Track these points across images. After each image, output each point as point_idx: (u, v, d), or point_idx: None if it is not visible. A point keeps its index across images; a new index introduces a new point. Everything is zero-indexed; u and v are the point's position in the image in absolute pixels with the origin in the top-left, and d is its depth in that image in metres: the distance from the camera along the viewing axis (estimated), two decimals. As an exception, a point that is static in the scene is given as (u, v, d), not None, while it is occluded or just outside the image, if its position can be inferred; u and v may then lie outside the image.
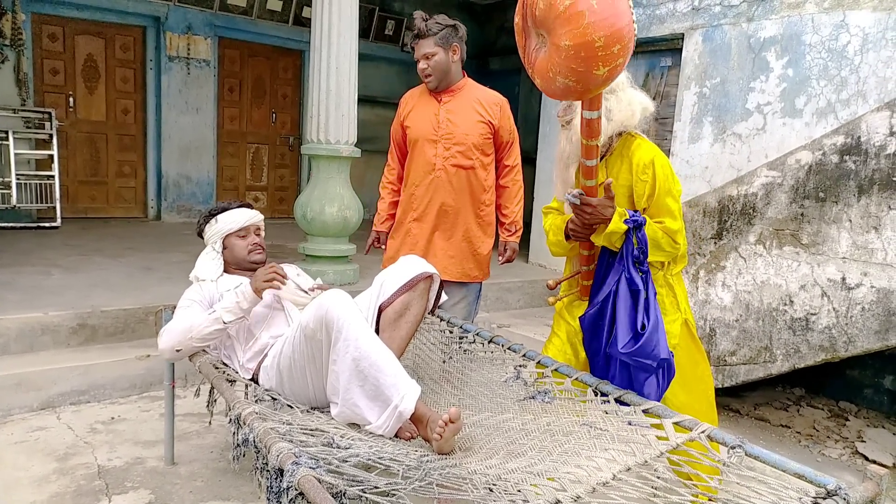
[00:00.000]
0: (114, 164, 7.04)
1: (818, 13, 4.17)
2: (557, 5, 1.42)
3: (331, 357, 1.91)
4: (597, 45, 1.41)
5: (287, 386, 2.09)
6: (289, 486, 1.34)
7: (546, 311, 5.46)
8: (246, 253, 2.47)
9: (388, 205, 3.02)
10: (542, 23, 1.49)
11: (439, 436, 1.70)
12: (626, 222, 1.90)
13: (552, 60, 1.50)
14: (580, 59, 1.43)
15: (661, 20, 5.07)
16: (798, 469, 1.54)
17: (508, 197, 2.95)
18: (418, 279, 2.27)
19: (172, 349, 2.23)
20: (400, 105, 2.96)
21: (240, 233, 2.49)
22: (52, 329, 3.44)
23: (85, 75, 6.74)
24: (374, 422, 1.84)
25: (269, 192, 8.11)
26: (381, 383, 1.84)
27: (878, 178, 2.91)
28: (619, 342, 1.88)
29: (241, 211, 2.52)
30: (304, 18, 7.41)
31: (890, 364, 3.83)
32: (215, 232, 2.48)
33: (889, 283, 2.82)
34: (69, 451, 2.76)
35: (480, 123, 2.78)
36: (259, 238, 2.55)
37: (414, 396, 1.84)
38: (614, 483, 1.47)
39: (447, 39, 2.71)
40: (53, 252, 5.01)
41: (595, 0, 1.39)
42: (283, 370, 2.07)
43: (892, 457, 3.25)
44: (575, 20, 1.40)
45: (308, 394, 2.07)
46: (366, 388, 1.85)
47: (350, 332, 1.87)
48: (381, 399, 1.84)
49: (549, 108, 6.09)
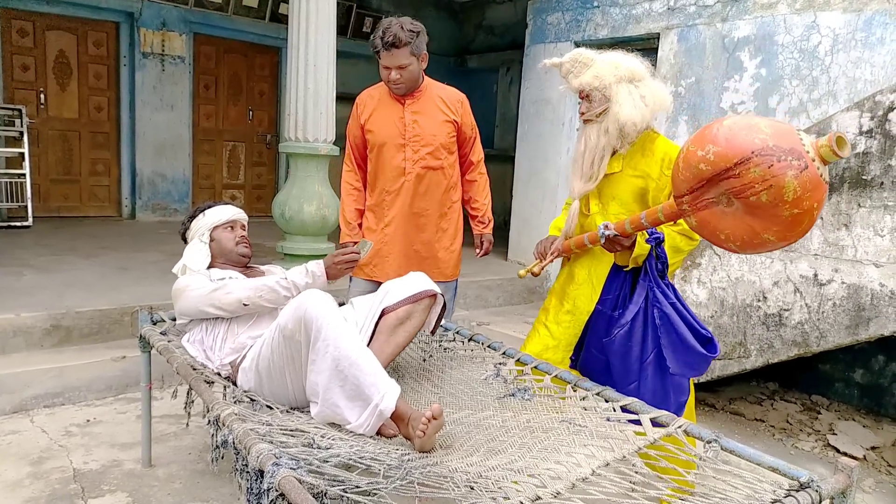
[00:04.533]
0: (87, 163, 6.92)
1: (790, 14, 4.24)
2: (785, 207, 1.36)
3: (310, 357, 1.91)
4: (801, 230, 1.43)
5: (266, 387, 2.07)
6: (269, 487, 1.33)
7: (526, 308, 5.49)
8: (233, 245, 2.47)
9: (355, 213, 2.90)
10: (752, 208, 1.41)
11: (422, 433, 1.71)
12: (648, 241, 1.92)
13: (734, 225, 1.46)
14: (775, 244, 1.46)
15: (637, 20, 5.12)
16: (772, 462, 1.57)
17: (477, 190, 2.97)
18: (424, 295, 2.28)
19: (239, 302, 2.18)
20: (356, 107, 2.83)
21: (227, 225, 2.49)
22: (24, 331, 3.38)
23: (56, 71, 6.61)
24: (355, 421, 1.84)
25: (247, 190, 8.03)
26: (361, 383, 1.84)
27: (848, 177, 2.97)
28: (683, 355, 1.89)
29: (227, 206, 2.55)
30: (282, 15, 7.34)
31: (860, 358, 3.93)
32: (203, 225, 2.47)
33: (859, 279, 2.88)
34: (43, 454, 2.71)
35: (446, 123, 2.75)
36: (245, 232, 2.56)
37: (394, 395, 1.84)
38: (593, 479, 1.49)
39: (419, 48, 2.62)
40: (25, 252, 4.91)
41: (817, 206, 1.36)
42: (262, 371, 2.06)
43: (862, 449, 3.33)
44: (794, 226, 1.39)
45: (288, 395, 2.06)
46: (346, 388, 1.85)
47: (329, 331, 1.87)
48: (362, 398, 1.84)
49: (528, 107, 6.12)
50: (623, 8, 5.22)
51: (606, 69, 2.10)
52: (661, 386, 1.96)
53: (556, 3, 5.79)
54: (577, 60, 2.16)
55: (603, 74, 2.10)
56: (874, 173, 2.89)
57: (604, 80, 2.09)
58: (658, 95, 2.13)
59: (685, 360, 1.91)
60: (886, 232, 2.84)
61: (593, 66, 2.12)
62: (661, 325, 1.91)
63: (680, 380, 1.99)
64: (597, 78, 2.10)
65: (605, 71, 2.10)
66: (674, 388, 1.98)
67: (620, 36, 5.24)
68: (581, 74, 2.14)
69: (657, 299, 1.92)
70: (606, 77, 2.09)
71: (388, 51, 2.55)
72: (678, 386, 2.00)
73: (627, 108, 2.08)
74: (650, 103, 2.11)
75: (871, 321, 2.85)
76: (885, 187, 2.85)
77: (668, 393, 1.97)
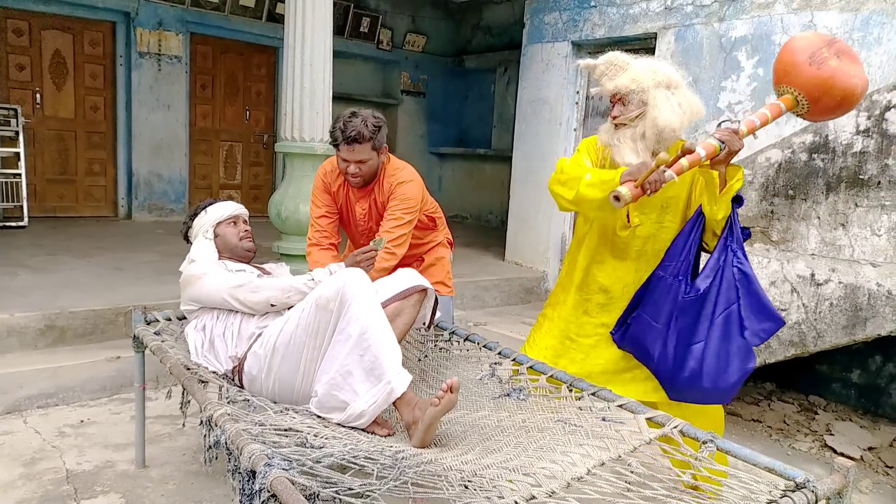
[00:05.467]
0: (83, 162, 6.89)
1: (787, 13, 4.23)
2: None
3: (339, 326, 1.95)
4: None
5: (276, 370, 2.05)
6: (261, 487, 1.32)
7: (523, 308, 5.48)
8: (238, 240, 2.47)
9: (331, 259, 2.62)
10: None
11: (437, 400, 1.77)
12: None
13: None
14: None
15: (635, 19, 5.11)
16: (768, 463, 1.57)
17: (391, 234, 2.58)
18: (413, 291, 2.29)
19: (268, 302, 2.18)
20: (324, 176, 2.69)
21: (230, 221, 2.50)
22: (18, 331, 3.36)
23: (52, 71, 6.59)
24: (363, 394, 1.88)
25: (243, 190, 8.01)
26: (380, 356, 1.90)
27: (845, 176, 2.97)
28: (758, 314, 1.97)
29: (228, 203, 2.56)
30: (278, 15, 7.33)
31: (857, 359, 3.92)
32: (206, 222, 2.47)
33: (856, 279, 2.88)
34: (36, 455, 2.69)
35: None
36: (248, 227, 2.56)
37: (407, 379, 1.91)
38: (588, 478, 1.48)
39: (381, 141, 2.49)
40: (20, 252, 4.89)
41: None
42: (279, 348, 2.04)
43: (859, 449, 3.32)
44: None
45: (295, 379, 2.04)
46: (365, 359, 1.90)
47: (364, 304, 1.94)
48: (376, 374, 1.89)
49: (525, 107, 6.11)
50: (620, 7, 5.21)
51: (644, 73, 2.08)
52: (727, 350, 1.99)
53: (553, 3, 5.78)
54: (613, 63, 2.14)
55: (641, 78, 2.07)
56: (871, 173, 2.89)
57: (642, 84, 2.07)
58: (693, 104, 2.12)
59: (760, 321, 1.97)
60: (883, 231, 2.83)
61: (629, 69, 2.10)
62: (739, 284, 1.97)
63: (747, 345, 2.01)
64: (634, 81, 2.08)
65: (643, 75, 2.08)
66: (740, 353, 2.00)
67: (617, 36, 5.24)
68: (616, 77, 2.11)
69: (738, 258, 1.97)
70: (645, 81, 2.07)
71: (348, 145, 2.44)
72: (746, 352, 2.01)
73: (666, 112, 2.05)
74: (686, 110, 2.09)
75: (869, 321, 2.84)
76: (882, 187, 2.85)
77: (731, 358, 1.99)
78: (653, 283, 2.11)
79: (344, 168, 2.53)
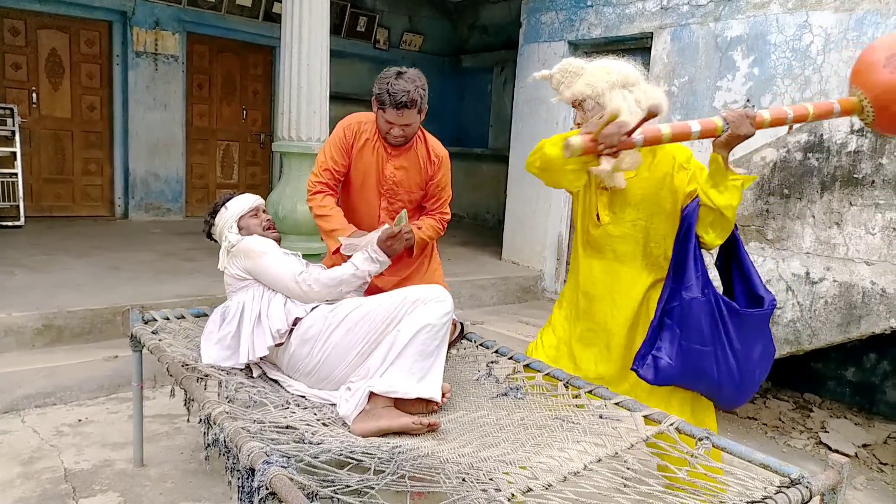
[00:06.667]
0: (79, 162, 6.88)
1: (782, 13, 4.25)
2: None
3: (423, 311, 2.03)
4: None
5: (338, 339, 2.08)
6: (260, 485, 1.33)
7: (520, 307, 5.49)
8: (262, 230, 2.48)
9: (343, 221, 2.59)
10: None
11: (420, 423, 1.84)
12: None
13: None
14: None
15: (631, 19, 5.13)
16: (763, 459, 1.58)
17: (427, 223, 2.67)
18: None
19: (324, 298, 2.21)
20: (345, 133, 2.58)
21: (252, 213, 2.51)
22: (15, 330, 3.36)
23: (49, 70, 6.57)
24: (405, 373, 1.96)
25: (241, 189, 7.97)
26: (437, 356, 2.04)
27: (839, 175, 2.98)
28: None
29: (246, 195, 2.55)
30: (275, 14, 7.32)
31: (852, 356, 3.94)
32: (229, 217, 2.47)
33: (850, 278, 2.90)
34: (34, 454, 2.70)
35: (422, 182, 2.64)
36: (269, 216, 2.57)
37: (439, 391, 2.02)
38: (585, 473, 1.49)
39: (425, 104, 2.46)
40: (17, 252, 4.89)
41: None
42: (350, 320, 2.09)
43: (853, 446, 3.34)
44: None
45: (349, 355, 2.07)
46: (428, 347, 2.00)
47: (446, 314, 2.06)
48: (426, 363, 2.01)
49: (522, 107, 6.13)
50: (616, 7, 5.23)
51: (598, 76, 2.04)
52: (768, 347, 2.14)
53: (549, 3, 5.80)
54: (567, 70, 2.09)
55: (594, 82, 2.03)
56: (865, 172, 2.91)
57: (596, 88, 2.03)
58: (653, 99, 2.05)
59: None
60: (878, 230, 2.85)
61: (584, 74, 2.06)
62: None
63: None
64: (588, 86, 2.04)
65: (596, 78, 2.04)
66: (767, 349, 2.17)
67: (614, 35, 5.25)
68: (572, 84, 2.07)
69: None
70: (598, 84, 2.03)
71: (397, 110, 2.38)
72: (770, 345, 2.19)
73: (623, 113, 1.97)
74: (645, 107, 1.99)
75: (863, 319, 2.86)
76: (877, 185, 2.86)
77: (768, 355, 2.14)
78: (683, 308, 2.02)
79: (387, 129, 2.47)
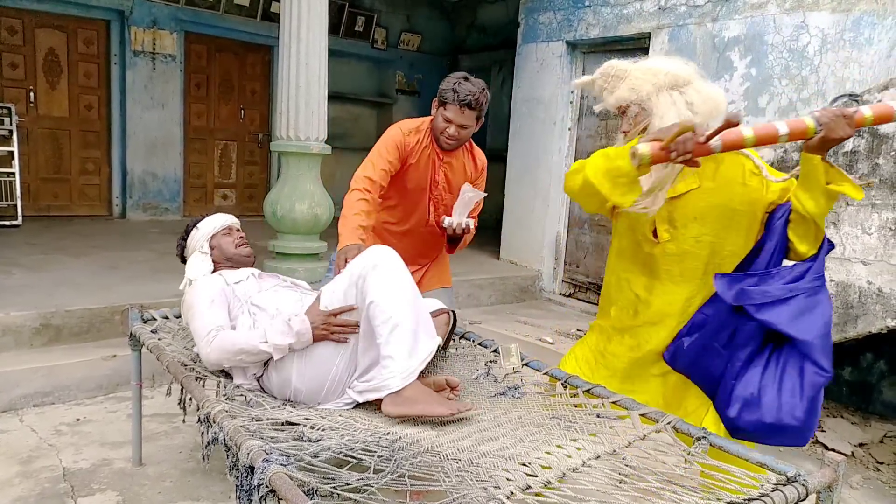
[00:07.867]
0: (77, 161, 6.87)
1: (780, 14, 4.27)
2: None
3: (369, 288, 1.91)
4: None
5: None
6: (260, 483, 1.33)
7: (518, 307, 5.50)
8: (234, 248, 2.47)
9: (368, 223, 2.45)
10: None
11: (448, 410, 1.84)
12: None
13: None
14: None
15: (629, 19, 5.14)
16: (759, 458, 1.59)
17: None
18: (442, 311, 2.32)
19: (219, 364, 2.08)
20: (403, 145, 2.53)
21: (223, 231, 2.50)
22: (13, 330, 3.36)
23: (46, 70, 6.57)
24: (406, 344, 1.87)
25: (239, 189, 8.01)
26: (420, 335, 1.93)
27: (836, 175, 3.00)
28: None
29: (218, 215, 2.56)
30: (273, 13, 7.32)
31: (848, 356, 3.96)
32: (200, 236, 2.47)
33: (847, 277, 2.91)
34: (32, 453, 2.70)
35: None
36: (242, 234, 2.56)
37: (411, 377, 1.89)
38: (584, 469, 1.50)
39: (484, 113, 2.48)
40: (14, 251, 4.88)
41: None
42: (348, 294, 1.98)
43: (850, 445, 3.36)
44: None
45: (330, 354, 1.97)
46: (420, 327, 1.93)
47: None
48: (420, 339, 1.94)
49: (520, 107, 6.14)
50: (614, 7, 5.24)
51: (643, 79, 1.83)
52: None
53: (547, 3, 5.81)
54: (610, 74, 1.89)
55: (639, 85, 1.83)
56: (862, 171, 2.92)
57: (641, 92, 1.82)
58: (709, 99, 1.83)
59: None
60: (874, 230, 2.86)
61: (628, 77, 1.86)
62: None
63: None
64: (633, 90, 1.83)
65: (641, 81, 1.83)
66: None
67: (612, 36, 5.27)
68: (616, 89, 1.87)
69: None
70: (644, 88, 1.82)
71: (460, 108, 2.39)
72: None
73: (670, 118, 1.76)
74: (700, 109, 1.79)
75: (859, 318, 2.88)
76: (873, 185, 2.88)
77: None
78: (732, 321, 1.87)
79: (443, 128, 2.46)
